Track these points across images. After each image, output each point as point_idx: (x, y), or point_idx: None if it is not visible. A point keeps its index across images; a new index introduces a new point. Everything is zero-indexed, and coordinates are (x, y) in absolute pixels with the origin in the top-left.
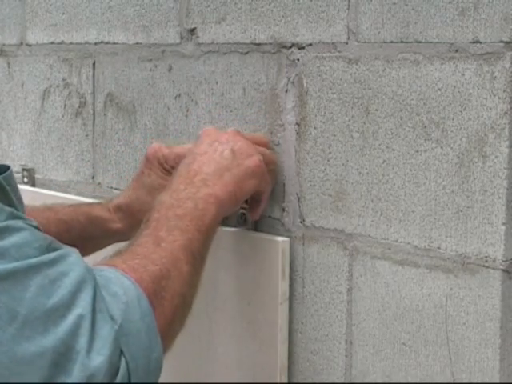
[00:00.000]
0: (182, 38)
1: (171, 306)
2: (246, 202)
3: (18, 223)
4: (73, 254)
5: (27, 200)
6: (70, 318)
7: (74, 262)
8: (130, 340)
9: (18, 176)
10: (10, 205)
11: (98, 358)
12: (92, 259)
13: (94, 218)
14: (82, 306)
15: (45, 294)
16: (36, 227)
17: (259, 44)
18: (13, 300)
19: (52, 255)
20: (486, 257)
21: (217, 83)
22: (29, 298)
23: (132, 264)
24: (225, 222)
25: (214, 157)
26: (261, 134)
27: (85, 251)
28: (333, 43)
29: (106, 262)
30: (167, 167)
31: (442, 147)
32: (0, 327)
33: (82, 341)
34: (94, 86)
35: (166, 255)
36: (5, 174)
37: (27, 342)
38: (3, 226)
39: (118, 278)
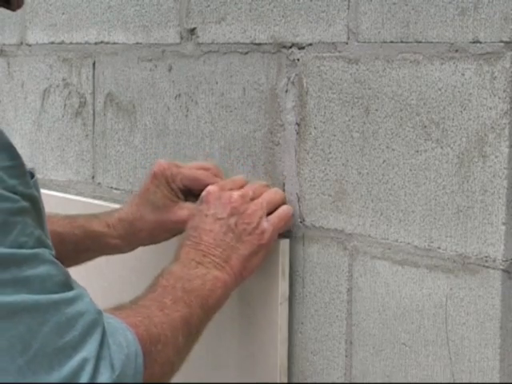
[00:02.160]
0: (181, 38)
1: (160, 371)
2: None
3: (46, 254)
4: (87, 294)
5: None
6: (76, 360)
7: (89, 302)
8: None
9: None
10: (40, 222)
11: None
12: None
13: (90, 233)
14: (89, 350)
15: (59, 332)
16: (55, 256)
17: (259, 44)
18: (29, 333)
19: (71, 294)
20: (486, 257)
21: (217, 83)
22: (44, 333)
23: (134, 320)
24: None
25: (220, 236)
26: (260, 183)
27: (77, 262)
28: (333, 43)
29: (109, 312)
30: (174, 187)
31: (442, 147)
32: (11, 356)
33: (83, 382)
34: (93, 86)
35: (166, 321)
36: (33, 180)
37: (32, 376)
38: (32, 254)
39: (123, 329)
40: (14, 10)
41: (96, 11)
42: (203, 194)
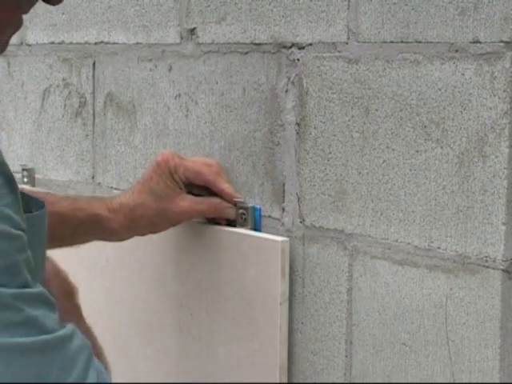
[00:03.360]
0: (181, 38)
1: None
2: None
3: (45, 292)
4: (77, 328)
5: None
6: None
7: (81, 335)
8: None
9: (17, 176)
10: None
11: None
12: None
13: (92, 216)
14: (91, 382)
15: (66, 369)
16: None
17: (259, 44)
18: (42, 374)
19: (69, 329)
20: (486, 257)
21: (217, 83)
22: (55, 372)
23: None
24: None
25: None
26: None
27: (71, 244)
28: (333, 43)
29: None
30: (176, 178)
31: (442, 147)
32: None
33: None
34: (93, 86)
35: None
36: (30, 214)
37: None
38: (38, 293)
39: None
40: (54, 4)
41: (96, 11)
42: None
